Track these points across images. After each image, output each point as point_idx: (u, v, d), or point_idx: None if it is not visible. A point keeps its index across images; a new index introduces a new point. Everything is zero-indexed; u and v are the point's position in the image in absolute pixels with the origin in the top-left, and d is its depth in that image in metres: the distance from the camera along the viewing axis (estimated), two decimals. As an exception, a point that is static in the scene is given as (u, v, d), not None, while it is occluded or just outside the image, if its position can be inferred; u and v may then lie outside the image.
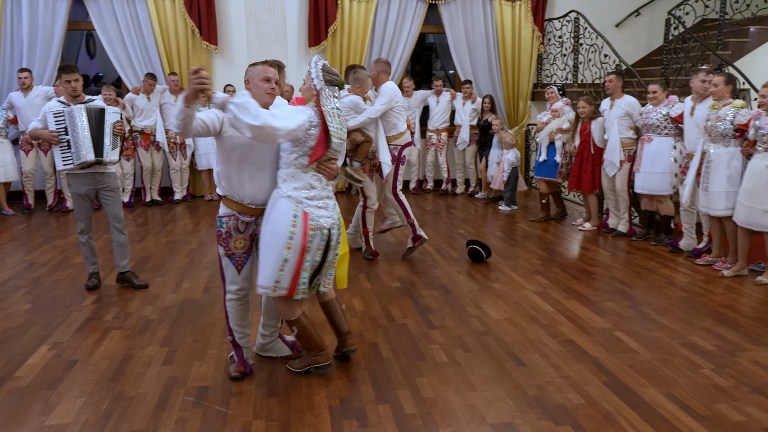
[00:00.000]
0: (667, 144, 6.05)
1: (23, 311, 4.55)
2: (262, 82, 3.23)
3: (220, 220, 3.36)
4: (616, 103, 6.54)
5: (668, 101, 6.07)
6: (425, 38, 12.76)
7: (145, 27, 8.75)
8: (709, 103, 5.51)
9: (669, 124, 6.02)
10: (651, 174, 6.11)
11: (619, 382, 3.40)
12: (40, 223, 7.55)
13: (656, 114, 6.07)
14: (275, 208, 3.23)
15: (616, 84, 6.55)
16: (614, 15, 9.87)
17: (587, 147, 6.84)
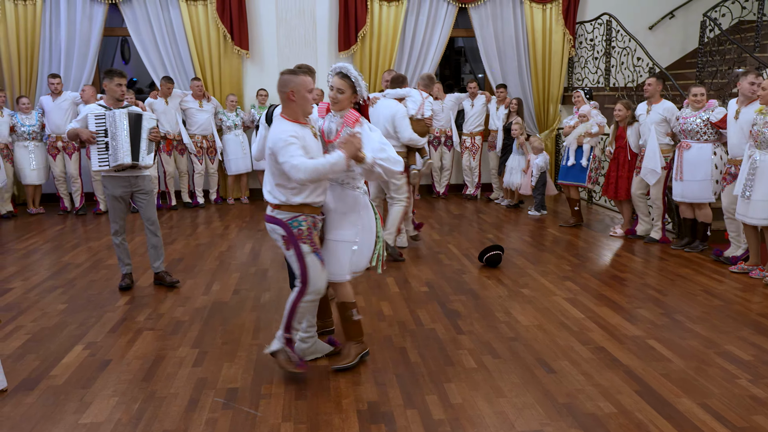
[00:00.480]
0: (707, 150, 5.84)
1: (59, 311, 4.65)
2: (308, 94, 3.33)
3: (297, 219, 3.39)
4: (653, 108, 6.34)
5: (708, 105, 5.88)
6: (454, 42, 12.75)
7: (179, 32, 8.90)
8: (755, 107, 5.27)
9: (709, 129, 5.82)
10: (692, 182, 5.91)
11: (652, 391, 3.34)
12: (75, 225, 7.73)
13: (696, 119, 5.86)
14: (365, 206, 3.61)
15: (656, 87, 6.34)
16: (647, 17, 9.72)
17: (623, 152, 6.70)
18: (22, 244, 6.68)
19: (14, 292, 5.10)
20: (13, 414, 3.15)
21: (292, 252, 3.42)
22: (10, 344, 4.01)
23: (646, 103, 6.48)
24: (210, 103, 8.76)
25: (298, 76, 3.32)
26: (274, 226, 3.44)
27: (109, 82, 4.89)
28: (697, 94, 5.90)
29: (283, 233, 3.41)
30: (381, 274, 5.45)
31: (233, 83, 9.11)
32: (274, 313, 4.59)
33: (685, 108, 6.10)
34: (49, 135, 8.17)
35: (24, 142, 7.92)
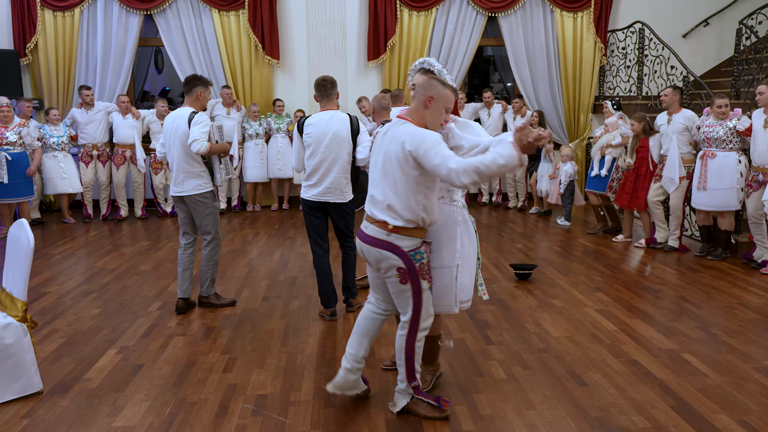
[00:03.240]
0: (733, 158, 5.88)
1: (93, 315, 4.74)
2: (444, 111, 2.96)
3: (418, 251, 2.95)
4: (673, 117, 6.40)
5: (734, 114, 5.91)
6: (483, 50, 12.71)
7: (211, 42, 9.05)
8: None
9: (735, 137, 5.86)
10: (717, 190, 5.92)
11: (687, 406, 3.26)
12: (109, 231, 7.87)
13: (722, 128, 5.88)
14: (465, 222, 3.23)
15: (673, 98, 6.41)
16: (681, 25, 9.57)
17: (645, 164, 6.69)
18: (56, 250, 6.83)
19: (49, 296, 5.21)
20: (48, 416, 3.21)
21: (408, 287, 2.97)
22: (45, 347, 4.09)
23: (666, 114, 6.52)
24: (239, 112, 8.87)
25: (446, 88, 2.93)
26: (389, 254, 2.92)
27: (205, 92, 4.67)
28: (721, 106, 5.93)
29: (400, 265, 2.93)
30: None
31: (264, 92, 9.22)
32: (302, 320, 4.61)
33: (706, 117, 6.12)
34: (83, 145, 8.34)
35: (53, 153, 8.08)
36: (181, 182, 4.62)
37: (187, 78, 4.65)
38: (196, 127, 4.39)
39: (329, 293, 4.62)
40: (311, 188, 4.48)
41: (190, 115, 4.47)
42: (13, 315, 3.37)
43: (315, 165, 4.42)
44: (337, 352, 4.00)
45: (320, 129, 4.39)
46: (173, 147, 4.58)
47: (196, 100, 4.60)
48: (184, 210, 4.74)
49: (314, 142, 4.39)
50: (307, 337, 4.29)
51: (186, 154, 4.52)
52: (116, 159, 8.47)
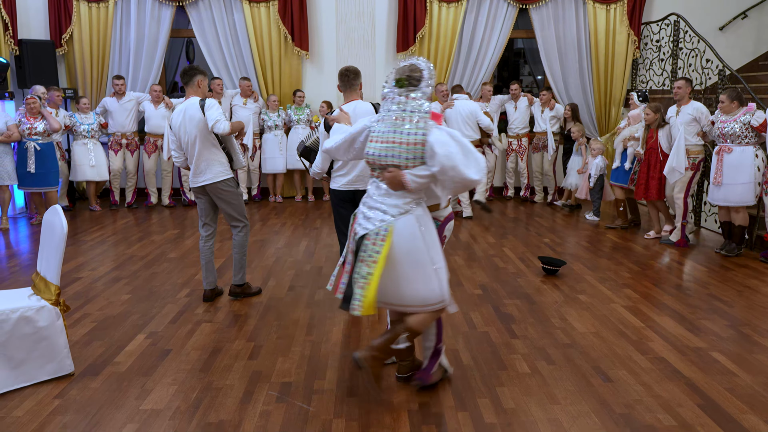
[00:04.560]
0: (749, 153, 5.87)
1: (123, 301, 4.84)
2: None
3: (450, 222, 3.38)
4: (682, 109, 6.47)
5: (747, 109, 5.90)
6: (513, 43, 12.57)
7: (241, 33, 9.12)
8: None
9: (750, 132, 5.83)
10: (733, 185, 5.93)
11: (715, 405, 3.21)
12: (138, 219, 8.02)
13: (736, 123, 5.87)
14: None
15: (685, 90, 6.45)
16: (718, 18, 9.34)
17: (654, 154, 6.70)
18: (88, 237, 6.98)
19: (82, 281, 5.33)
20: (80, 397, 3.30)
21: None
22: (77, 331, 4.19)
23: (676, 106, 6.57)
24: (256, 103, 8.92)
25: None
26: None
27: (204, 79, 4.66)
28: (723, 101, 5.99)
29: None
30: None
31: (292, 83, 9.26)
32: (327, 310, 4.64)
33: (720, 113, 6.10)
34: (113, 134, 8.50)
35: (83, 140, 8.24)
36: (201, 172, 4.59)
37: (184, 70, 4.65)
38: (212, 111, 4.42)
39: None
40: (341, 178, 4.48)
41: (200, 102, 4.49)
42: (46, 298, 3.46)
43: None
44: (361, 342, 4.03)
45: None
46: (191, 139, 4.53)
47: (198, 89, 4.60)
48: (206, 201, 4.73)
49: None
50: (332, 326, 4.33)
51: (205, 141, 4.51)
52: (147, 147, 8.62)
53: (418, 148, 3.02)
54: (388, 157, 3.07)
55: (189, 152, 4.62)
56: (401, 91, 3.09)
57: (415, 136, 3.02)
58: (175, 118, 4.61)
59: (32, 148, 7.33)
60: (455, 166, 2.93)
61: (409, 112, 3.06)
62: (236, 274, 4.85)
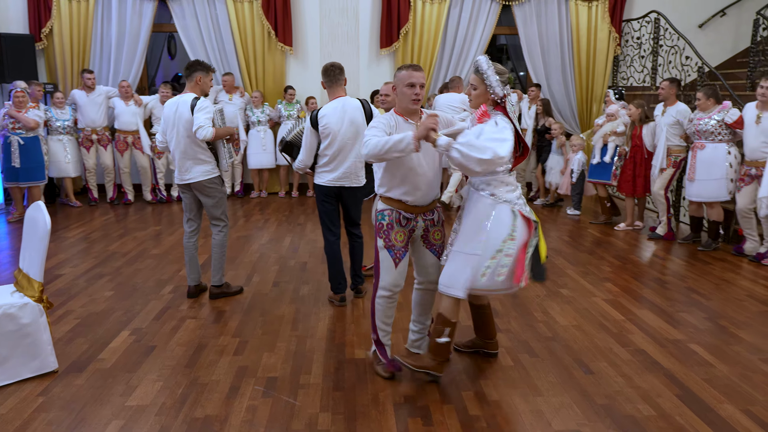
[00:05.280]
0: (722, 150, 5.99)
1: (106, 298, 4.81)
2: (406, 88, 3.23)
3: (382, 213, 3.39)
4: (668, 109, 6.56)
5: (722, 107, 6.02)
6: (496, 39, 12.62)
7: (224, 29, 9.06)
8: None
9: (724, 130, 5.96)
10: (706, 181, 6.06)
11: (693, 395, 3.28)
12: (120, 215, 7.96)
13: (710, 120, 6.00)
14: (496, 215, 3.23)
15: (669, 91, 6.53)
16: (697, 15, 9.47)
17: (639, 151, 6.85)
18: (70, 233, 6.92)
19: (64, 278, 5.29)
20: (64, 394, 3.28)
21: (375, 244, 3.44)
22: (60, 328, 4.17)
23: (663, 105, 6.66)
24: (242, 98, 8.88)
25: (401, 71, 3.27)
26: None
27: (207, 78, 4.60)
28: (697, 98, 6.11)
29: (373, 222, 3.49)
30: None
31: (276, 79, 9.24)
32: (312, 305, 4.66)
33: (697, 110, 6.24)
34: (83, 129, 8.39)
35: (58, 136, 8.13)
36: (187, 170, 4.56)
37: (188, 63, 4.59)
38: (200, 114, 4.37)
39: (340, 279, 4.66)
40: (327, 174, 4.49)
41: (193, 101, 4.43)
42: (29, 295, 3.44)
43: (333, 153, 4.43)
44: (347, 337, 4.06)
45: (335, 118, 4.40)
46: (177, 135, 4.50)
47: (195, 86, 4.54)
48: (191, 197, 4.71)
49: (331, 132, 4.39)
50: (317, 322, 4.35)
51: (192, 141, 4.48)
52: (119, 145, 8.52)
53: None
54: None
55: (174, 145, 4.58)
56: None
57: None
58: (167, 108, 4.58)
59: (16, 143, 7.25)
60: None
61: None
62: (215, 275, 4.80)
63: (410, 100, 3.25)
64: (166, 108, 4.59)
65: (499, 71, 3.21)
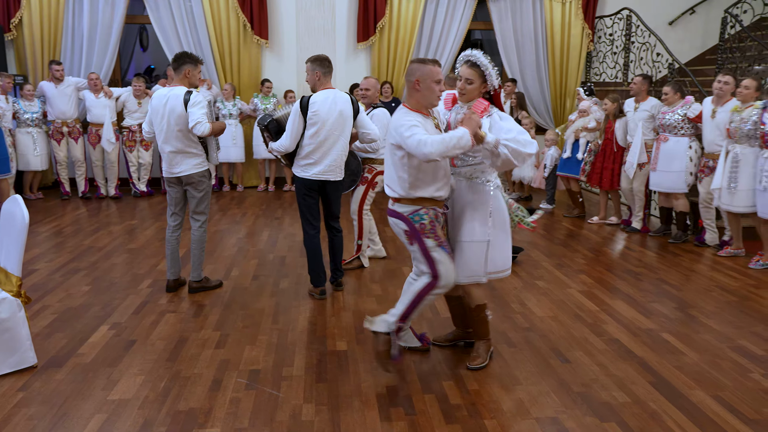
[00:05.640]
0: (684, 144, 6.19)
1: (83, 292, 4.77)
2: (435, 84, 3.21)
3: (418, 213, 3.27)
4: (640, 105, 6.70)
5: (685, 102, 6.20)
6: (471, 34, 12.72)
7: (199, 21, 8.98)
8: (730, 106, 5.70)
9: (686, 124, 6.15)
10: (667, 173, 6.27)
11: (665, 382, 3.39)
12: (94, 209, 7.85)
13: (674, 115, 6.19)
14: (496, 201, 3.45)
15: (641, 87, 6.68)
16: (668, 13, 9.68)
17: (610, 144, 7.02)
18: (43, 228, 6.82)
19: (39, 273, 5.23)
20: (44, 389, 3.26)
21: (416, 247, 3.31)
22: (37, 323, 4.13)
23: (634, 101, 6.81)
24: (209, 91, 8.80)
25: (426, 65, 3.21)
26: (396, 220, 3.33)
27: (195, 71, 4.56)
28: (667, 93, 6.27)
29: (405, 228, 3.30)
30: (397, 264, 5.55)
31: (252, 72, 9.19)
32: (292, 299, 4.68)
33: (662, 105, 6.45)
34: (53, 121, 8.25)
35: (27, 129, 7.99)
36: (178, 163, 4.54)
37: (176, 55, 4.55)
38: (195, 109, 4.34)
39: (320, 272, 4.69)
40: (311, 167, 4.48)
41: (185, 95, 4.40)
42: (7, 290, 3.40)
43: (318, 143, 4.43)
44: (328, 330, 4.09)
45: (326, 107, 4.40)
46: (166, 128, 4.47)
47: (184, 78, 4.51)
48: (178, 191, 4.69)
49: (320, 121, 4.40)
50: (298, 315, 4.37)
51: (183, 135, 4.46)
52: (91, 138, 8.39)
53: None
54: None
55: (162, 139, 4.54)
56: None
57: None
58: (155, 101, 4.52)
59: None
60: None
61: None
62: (194, 270, 4.78)
63: (436, 96, 3.24)
64: (154, 99, 4.54)
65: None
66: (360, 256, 5.43)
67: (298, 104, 4.43)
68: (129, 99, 8.44)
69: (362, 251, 5.43)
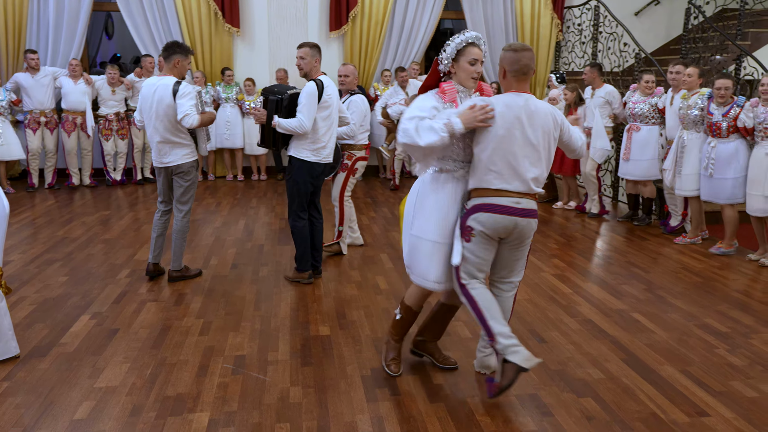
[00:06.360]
0: (655, 132, 6.43)
1: (61, 283, 4.74)
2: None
3: None
4: (596, 92, 6.95)
5: (656, 92, 6.43)
6: (441, 23, 12.79)
7: (169, 8, 8.86)
8: (681, 94, 5.96)
9: (656, 113, 6.38)
10: (639, 161, 6.49)
11: (636, 359, 3.55)
12: (64, 200, 7.74)
13: (645, 104, 6.40)
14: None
15: (592, 75, 6.93)
16: (634, 3, 9.89)
17: None
18: (14, 219, 6.70)
19: (13, 264, 5.16)
20: (29, 378, 3.26)
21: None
22: (16, 314, 4.10)
23: (590, 89, 7.06)
24: None
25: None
26: (533, 220, 3.06)
27: (184, 60, 4.53)
28: (648, 81, 6.43)
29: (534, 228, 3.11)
30: (375, 251, 5.63)
31: (223, 60, 9.11)
32: (273, 286, 4.73)
33: (633, 93, 6.64)
34: (30, 111, 8.09)
35: None
36: (167, 153, 4.55)
37: (167, 45, 4.54)
38: (184, 100, 4.33)
39: (308, 257, 4.76)
40: (322, 150, 4.55)
41: (174, 86, 4.38)
42: (-12, 280, 3.38)
43: (328, 126, 4.53)
44: (310, 315, 4.16)
45: (334, 91, 4.53)
46: (155, 118, 4.47)
47: (174, 68, 4.50)
48: (165, 181, 4.70)
49: (332, 105, 4.50)
50: (279, 301, 4.42)
51: (172, 125, 4.45)
52: (66, 126, 8.24)
53: None
54: None
55: (150, 128, 4.55)
56: None
57: None
58: (145, 89, 4.53)
59: None
60: None
61: None
62: (175, 259, 4.79)
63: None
64: (144, 88, 4.55)
65: None
66: (340, 242, 5.50)
67: (314, 87, 4.39)
68: (103, 87, 8.32)
69: (342, 237, 5.49)
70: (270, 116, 4.50)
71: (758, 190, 5.25)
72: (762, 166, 5.22)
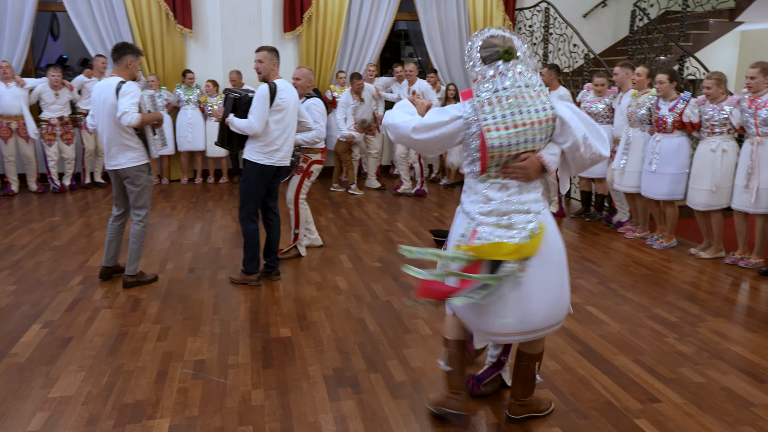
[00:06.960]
0: (608, 132, 6.59)
1: (9, 292, 4.58)
2: None
3: None
4: (552, 94, 6.98)
5: (611, 92, 6.63)
6: (396, 25, 12.88)
7: (118, 8, 8.65)
8: (631, 93, 6.15)
9: (610, 113, 6.59)
10: None
11: (591, 350, 3.66)
12: (4, 208, 7.48)
13: (600, 104, 6.61)
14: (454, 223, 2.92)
15: (549, 76, 7.03)
16: (582, 6, 10.16)
17: None
18: (-43, 227, 6.45)
19: (-42, 274, 4.97)
20: (-22, 391, 3.15)
21: None
22: (-38, 325, 3.95)
23: (547, 90, 7.06)
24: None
25: None
26: None
27: (135, 61, 4.48)
28: (598, 84, 6.63)
29: None
30: (334, 252, 5.63)
31: (176, 63, 8.96)
32: (231, 289, 4.68)
33: (587, 92, 6.84)
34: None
35: None
36: (114, 155, 4.47)
37: (117, 45, 4.47)
38: (125, 99, 4.25)
39: (257, 260, 4.75)
40: (276, 153, 4.56)
41: (118, 85, 4.31)
42: (-68, 290, 3.24)
43: (282, 129, 4.53)
44: (270, 317, 4.13)
45: (290, 95, 4.53)
46: (102, 119, 4.41)
47: (125, 69, 4.43)
48: (117, 184, 4.63)
49: (285, 108, 4.50)
50: (238, 305, 4.38)
51: (117, 126, 4.37)
52: (1, 132, 7.95)
53: (549, 125, 2.65)
54: (521, 143, 2.59)
55: (100, 130, 4.48)
56: (509, 66, 2.66)
57: (545, 113, 2.64)
58: (95, 91, 4.47)
59: None
60: (587, 139, 2.69)
61: (527, 87, 2.65)
62: (130, 264, 4.69)
63: None
64: (94, 91, 4.48)
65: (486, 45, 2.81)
66: (297, 245, 5.48)
67: (266, 89, 4.42)
68: (45, 90, 8.05)
69: (299, 240, 5.48)
70: (226, 114, 4.54)
71: (702, 185, 5.46)
72: (706, 162, 5.43)
